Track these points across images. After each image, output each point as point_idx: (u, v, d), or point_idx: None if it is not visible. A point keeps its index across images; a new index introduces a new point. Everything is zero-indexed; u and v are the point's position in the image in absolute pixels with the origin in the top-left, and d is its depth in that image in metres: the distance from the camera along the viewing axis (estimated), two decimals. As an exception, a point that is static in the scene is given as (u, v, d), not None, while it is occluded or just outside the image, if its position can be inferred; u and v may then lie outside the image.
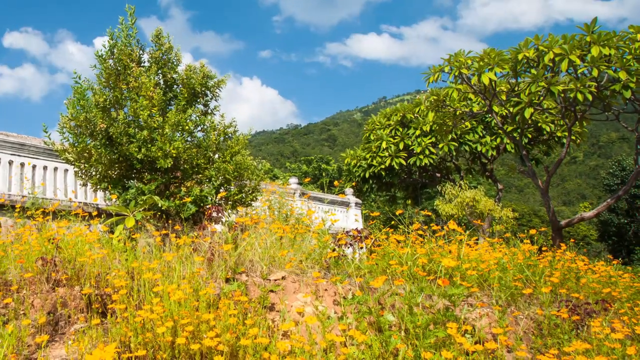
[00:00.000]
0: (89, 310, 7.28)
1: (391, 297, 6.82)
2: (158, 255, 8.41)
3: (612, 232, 64.34)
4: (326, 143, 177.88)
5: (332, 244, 9.84)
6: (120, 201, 12.80)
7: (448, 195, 25.18)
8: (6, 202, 15.09)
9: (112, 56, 13.48)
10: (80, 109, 12.91)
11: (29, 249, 8.43)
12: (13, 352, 5.88)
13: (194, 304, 6.30)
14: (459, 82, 21.21)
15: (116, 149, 12.93)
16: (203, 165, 13.24)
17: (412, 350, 5.56)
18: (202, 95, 14.08)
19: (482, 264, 9.43)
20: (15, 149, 16.78)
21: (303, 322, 6.25)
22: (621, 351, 6.26)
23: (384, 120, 35.05)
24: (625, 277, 11.26)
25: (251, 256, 8.95)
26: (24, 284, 7.47)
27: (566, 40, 18.11)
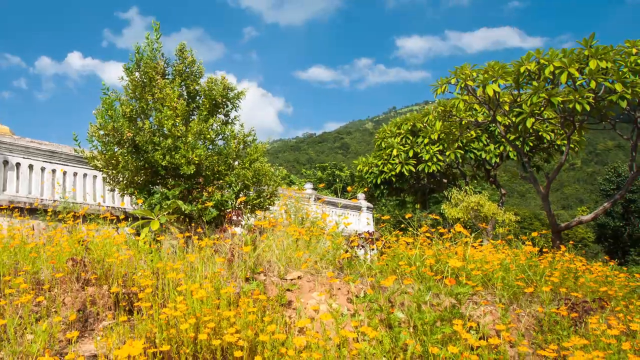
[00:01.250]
0: (116, 308, 7.29)
1: (401, 296, 6.83)
2: (181, 256, 8.43)
3: (609, 235, 64.39)
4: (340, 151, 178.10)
5: (345, 245, 9.85)
6: (146, 205, 12.82)
7: (454, 199, 25.19)
8: (39, 206, 15.12)
9: (138, 69, 13.55)
10: (108, 119, 12.98)
11: (60, 250, 8.44)
12: (46, 347, 5.89)
13: (216, 302, 6.31)
14: (464, 93, 21.24)
15: (142, 157, 12.96)
16: (224, 172, 13.26)
17: (420, 345, 5.56)
18: (222, 106, 14.08)
19: (486, 265, 9.41)
20: (47, 157, 16.82)
21: (318, 319, 6.23)
22: (617, 346, 6.28)
23: (394, 129, 35.14)
24: (621, 277, 11.31)
25: (269, 257, 8.96)
26: (55, 283, 7.49)
27: (565, 54, 18.21)
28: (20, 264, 7.86)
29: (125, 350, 4.51)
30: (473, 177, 34.88)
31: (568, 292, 9.33)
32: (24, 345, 5.82)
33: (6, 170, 15.82)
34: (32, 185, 16.37)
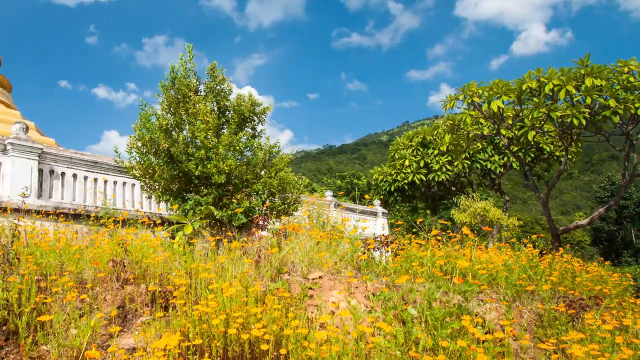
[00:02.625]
0: (153, 305, 7.31)
1: (413, 294, 6.82)
2: (213, 257, 8.43)
3: (603, 238, 64.40)
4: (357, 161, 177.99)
5: (363, 248, 9.87)
6: (180, 211, 12.86)
7: (462, 205, 25.14)
8: (82, 212, 15.17)
9: (173, 86, 13.62)
10: (145, 132, 13.09)
11: (102, 252, 8.46)
12: (89, 341, 5.91)
13: (244, 299, 6.31)
14: (471, 108, 21.41)
15: (176, 166, 13.00)
16: (251, 180, 13.29)
17: (431, 339, 5.56)
18: (250, 120, 14.13)
19: (491, 265, 9.43)
20: (89, 166, 16.89)
21: (337, 315, 6.34)
22: (610, 340, 6.31)
23: (407, 142, 35.23)
24: (615, 277, 11.36)
25: (293, 258, 8.98)
26: (97, 282, 7.51)
27: (563, 72, 18.32)
28: (65, 265, 7.88)
29: (161, 344, 4.54)
30: (479, 185, 34.85)
31: (566, 290, 9.37)
32: (69, 339, 5.83)
33: (52, 179, 15.89)
34: (76, 192, 16.44)
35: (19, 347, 6.03)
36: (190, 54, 13.96)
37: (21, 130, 15.18)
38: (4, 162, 14.64)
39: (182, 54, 13.92)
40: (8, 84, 31.98)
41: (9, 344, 6.13)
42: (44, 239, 9.64)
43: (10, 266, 7.32)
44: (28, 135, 15.43)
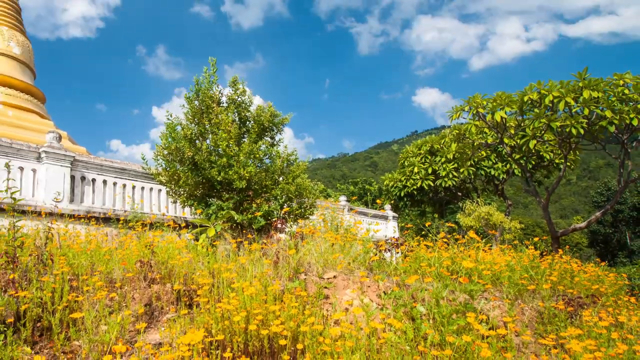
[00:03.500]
0: (178, 303, 7.33)
1: (422, 292, 6.83)
2: (234, 258, 8.47)
3: (600, 240, 64.38)
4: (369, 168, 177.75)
5: (375, 249, 9.89)
6: (204, 215, 12.89)
7: (467, 210, 25.11)
8: (112, 216, 15.22)
9: (197, 98, 13.68)
10: (171, 140, 13.16)
11: (130, 253, 8.52)
12: (118, 336, 5.93)
13: (263, 297, 6.32)
14: (476, 119, 21.49)
15: (200, 173, 13.05)
16: (270, 186, 13.31)
17: (438, 335, 5.56)
18: (269, 130, 14.14)
19: (495, 266, 9.46)
20: (118, 173, 16.95)
21: (351, 312, 6.32)
22: (607, 336, 6.39)
23: (415, 150, 35.21)
24: (610, 277, 11.39)
25: (309, 259, 8.98)
26: (125, 281, 7.53)
27: (563, 85, 18.37)
28: (96, 265, 7.91)
29: (186, 339, 4.54)
30: (483, 190, 34.81)
31: (565, 289, 9.45)
32: (99, 335, 5.86)
33: (83, 184, 15.95)
34: (106, 197, 16.48)
35: (53, 342, 6.05)
36: (214, 67, 14.03)
37: (54, 139, 15.25)
38: (39, 169, 14.71)
39: (206, 67, 14.04)
40: (42, 96, 32.14)
41: (43, 340, 6.16)
42: (75, 241, 9.68)
43: (44, 267, 7.36)
44: (61, 144, 15.50)
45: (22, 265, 7.23)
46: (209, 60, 14.11)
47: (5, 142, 14.08)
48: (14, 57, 30.78)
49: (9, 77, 29.96)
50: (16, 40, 31.22)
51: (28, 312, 6.20)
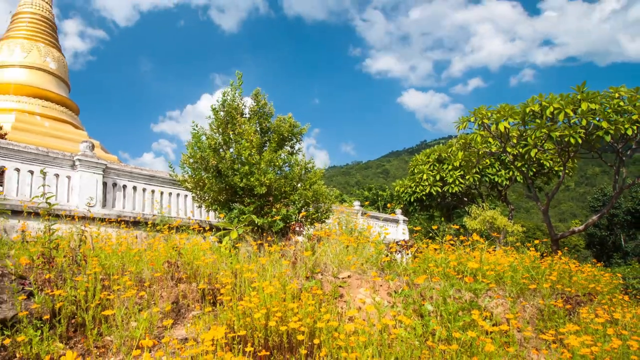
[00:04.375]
0: (203, 300, 7.34)
1: (430, 291, 6.86)
2: (255, 259, 8.45)
3: (596, 242, 64.28)
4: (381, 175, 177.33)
5: (386, 251, 9.96)
6: (227, 219, 12.93)
7: (473, 214, 25.13)
8: (141, 220, 15.26)
9: (223, 109, 13.75)
10: (197, 149, 13.23)
11: (158, 254, 8.53)
12: (146, 332, 5.96)
13: (282, 296, 6.34)
14: (481, 129, 21.49)
15: (224, 180, 13.09)
16: (289, 192, 13.34)
17: (445, 331, 5.59)
18: (288, 140, 14.18)
19: (498, 266, 9.50)
20: (147, 180, 17.02)
21: (364, 310, 6.37)
22: (602, 332, 6.41)
23: (424, 158, 35.34)
24: (606, 276, 11.39)
25: (325, 260, 9.00)
26: (154, 281, 7.55)
27: (562, 97, 18.40)
28: (126, 266, 7.93)
29: (210, 335, 4.56)
30: (488, 196, 34.84)
31: (564, 288, 9.43)
32: (129, 331, 5.89)
33: (115, 190, 16.02)
34: (136, 202, 16.55)
35: (86, 337, 6.08)
36: (240, 80, 14.10)
37: (87, 148, 15.33)
38: (73, 176, 14.78)
39: (232, 80, 14.10)
40: (76, 108, 32.37)
41: (77, 335, 6.19)
42: (107, 243, 9.73)
43: (78, 267, 7.39)
44: (94, 152, 15.57)
45: (57, 265, 7.26)
46: (235, 74, 14.23)
47: (42, 150, 14.16)
48: (50, 72, 31.05)
49: (45, 90, 30.26)
50: (52, 56, 31.48)
51: (63, 310, 6.23)
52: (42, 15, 32.86)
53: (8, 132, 23.54)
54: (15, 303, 6.18)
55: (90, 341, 5.96)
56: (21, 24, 32.08)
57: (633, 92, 17.48)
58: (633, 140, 18.74)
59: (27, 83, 29.93)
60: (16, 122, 26.73)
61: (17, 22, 32.30)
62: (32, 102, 29.41)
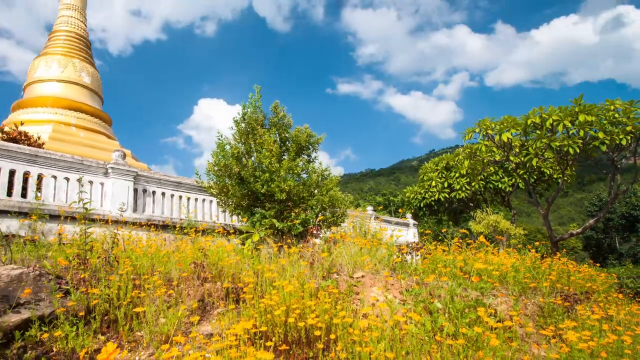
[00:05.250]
0: (227, 298, 7.38)
1: (438, 290, 6.88)
2: (275, 260, 8.50)
3: (593, 244, 64.19)
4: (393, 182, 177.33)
5: (397, 252, 9.95)
6: (249, 223, 12.95)
7: (478, 218, 25.14)
8: (169, 223, 15.31)
9: (244, 121, 13.79)
10: (221, 158, 13.27)
11: (185, 256, 8.58)
12: (175, 328, 5.99)
13: (301, 294, 6.38)
14: (485, 139, 21.72)
15: (246, 186, 13.10)
16: (307, 198, 13.34)
17: (453, 327, 5.62)
18: (306, 149, 14.16)
19: (502, 267, 9.61)
20: (174, 186, 17.06)
21: (377, 307, 6.40)
22: (598, 327, 6.50)
23: (433, 166, 35.39)
24: (602, 276, 11.56)
25: (340, 261, 9.06)
26: (181, 280, 7.59)
27: (561, 110, 18.53)
28: (156, 266, 7.98)
29: (234, 330, 4.61)
30: (492, 201, 34.77)
31: (562, 287, 9.56)
32: (159, 327, 5.94)
33: (145, 196, 16.07)
34: (164, 207, 16.57)
35: (118, 333, 6.14)
36: (258, 94, 14.14)
37: (119, 157, 15.39)
38: (106, 183, 14.84)
39: (251, 94, 14.13)
40: (109, 119, 32.58)
41: (110, 331, 6.24)
42: (138, 245, 9.76)
43: (110, 267, 7.44)
44: (125, 161, 15.62)
45: (92, 266, 7.31)
46: (254, 87, 14.27)
47: (77, 159, 14.24)
48: (85, 86, 31.28)
49: (80, 103, 30.49)
50: (86, 71, 31.72)
51: (97, 307, 6.30)
52: (77, 32, 33.23)
53: (45, 142, 23.69)
54: (52, 301, 6.24)
55: (122, 336, 6.03)
56: (58, 41, 32.43)
57: (627, 105, 17.55)
58: (627, 150, 18.81)
59: (64, 96, 30.25)
60: (53, 132, 26.98)
61: (54, 40, 32.66)
62: (68, 114, 29.73)
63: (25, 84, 31.49)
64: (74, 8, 34.01)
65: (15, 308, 5.99)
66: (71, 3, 34.12)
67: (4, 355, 5.43)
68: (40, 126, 27.35)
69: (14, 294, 6.18)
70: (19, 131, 18.84)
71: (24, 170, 13.02)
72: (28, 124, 26.98)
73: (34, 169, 13.26)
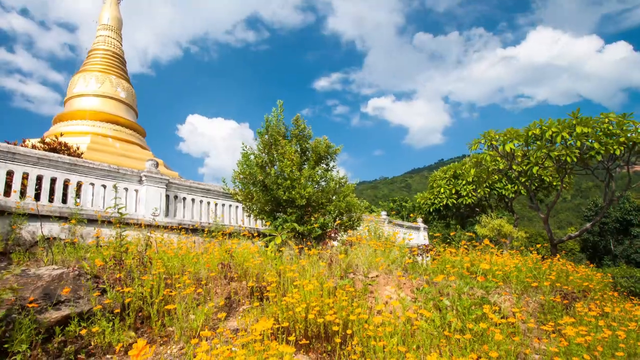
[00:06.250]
0: (251, 297, 7.42)
1: (447, 288, 6.90)
2: (296, 261, 8.54)
3: (590, 246, 63.94)
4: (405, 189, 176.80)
5: (409, 254, 10.00)
6: (272, 226, 12.99)
7: (483, 222, 25.12)
8: (198, 227, 15.34)
9: (267, 133, 13.87)
10: (246, 167, 13.37)
11: (213, 257, 8.63)
12: (203, 323, 6.04)
13: (320, 292, 6.42)
14: (490, 149, 21.75)
15: (269, 193, 13.15)
16: (325, 203, 13.38)
17: (460, 322, 5.64)
18: (324, 158, 14.20)
19: (505, 267, 9.68)
20: (203, 193, 17.09)
21: (390, 304, 6.44)
22: (595, 323, 6.49)
23: (442, 174, 35.51)
24: (598, 276, 11.58)
25: (356, 262, 9.08)
26: (209, 280, 7.63)
27: (560, 122, 18.61)
28: (186, 267, 8.02)
29: (259, 326, 4.61)
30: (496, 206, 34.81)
31: (562, 286, 9.61)
32: (189, 323, 5.96)
33: (176, 202, 16.11)
34: (194, 212, 16.59)
35: (151, 328, 6.19)
36: (281, 107, 14.22)
37: (152, 166, 15.46)
38: (140, 190, 14.89)
39: (274, 108, 14.22)
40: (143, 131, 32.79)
41: (144, 326, 6.29)
42: (169, 247, 9.81)
43: (144, 268, 7.49)
44: (158, 169, 15.67)
45: (126, 266, 7.37)
46: (277, 102, 14.37)
47: (114, 168, 14.31)
48: (120, 100, 31.54)
49: (116, 116, 30.73)
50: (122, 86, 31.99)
51: (131, 304, 6.36)
52: (114, 51, 33.53)
53: (84, 152, 23.84)
54: (90, 299, 6.31)
55: (155, 331, 6.08)
56: (95, 58, 32.74)
57: (620, 118, 17.66)
58: (620, 159, 18.83)
59: (101, 110, 30.48)
60: (91, 143, 27.18)
61: (92, 57, 32.97)
62: (105, 126, 29.96)
63: (65, 98, 31.84)
64: (111, 28, 34.43)
65: (56, 305, 6.06)
66: (108, 24, 34.56)
67: (45, 349, 5.48)
68: (79, 137, 27.65)
69: (55, 292, 6.26)
70: (59, 142, 19.01)
71: (64, 178, 13.10)
72: (68, 136, 27.31)
73: (74, 177, 13.34)
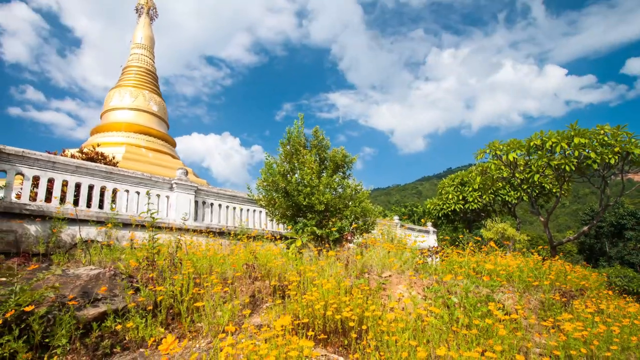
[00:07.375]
0: (274, 295, 7.43)
1: (455, 287, 6.91)
2: (315, 262, 8.55)
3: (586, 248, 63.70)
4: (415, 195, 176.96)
5: (420, 255, 10.03)
6: (293, 230, 13.03)
7: (488, 226, 25.17)
8: (225, 230, 15.36)
9: (288, 143, 13.98)
10: (269, 175, 13.50)
11: (238, 258, 8.66)
12: (229, 320, 6.05)
13: (337, 291, 6.42)
14: (494, 159, 21.86)
15: (290, 199, 13.23)
16: (342, 209, 13.42)
17: (467, 318, 5.66)
18: (342, 167, 14.25)
19: (508, 267, 9.71)
20: (229, 199, 17.14)
21: (402, 302, 6.49)
22: (591, 319, 6.53)
23: (450, 182, 35.68)
24: (594, 276, 11.69)
25: (371, 262, 9.13)
26: (235, 279, 7.65)
27: (559, 133, 18.65)
28: (213, 267, 8.04)
29: (280, 322, 4.63)
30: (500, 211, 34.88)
31: (560, 285, 9.70)
32: (216, 319, 5.99)
33: (204, 207, 16.16)
34: (221, 217, 16.62)
35: (181, 324, 6.22)
36: (302, 120, 14.36)
37: (182, 174, 15.53)
38: (171, 196, 14.95)
39: (296, 120, 14.37)
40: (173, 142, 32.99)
41: (174, 322, 6.32)
42: (198, 249, 9.84)
43: (175, 268, 7.53)
44: (187, 177, 15.73)
45: (158, 267, 7.42)
46: (298, 115, 14.50)
47: (147, 176, 14.39)
48: (153, 113, 31.78)
49: (149, 128, 30.94)
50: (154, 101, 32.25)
51: (163, 302, 6.40)
52: (147, 68, 33.88)
53: (119, 161, 24.09)
54: (125, 297, 6.39)
55: (185, 327, 6.11)
56: (130, 75, 33.09)
57: (615, 130, 17.72)
58: (615, 168, 18.83)
59: (135, 122, 30.78)
60: (126, 153, 27.46)
61: (126, 74, 33.34)
62: (139, 137, 30.26)
63: (102, 111, 32.22)
64: (144, 47, 34.82)
65: (93, 303, 6.15)
66: (141, 43, 34.99)
67: (84, 343, 5.54)
68: (114, 148, 27.91)
69: (92, 290, 6.36)
70: (96, 152, 19.23)
71: (101, 185, 13.18)
72: (104, 146, 27.60)
73: (110, 184, 13.43)
